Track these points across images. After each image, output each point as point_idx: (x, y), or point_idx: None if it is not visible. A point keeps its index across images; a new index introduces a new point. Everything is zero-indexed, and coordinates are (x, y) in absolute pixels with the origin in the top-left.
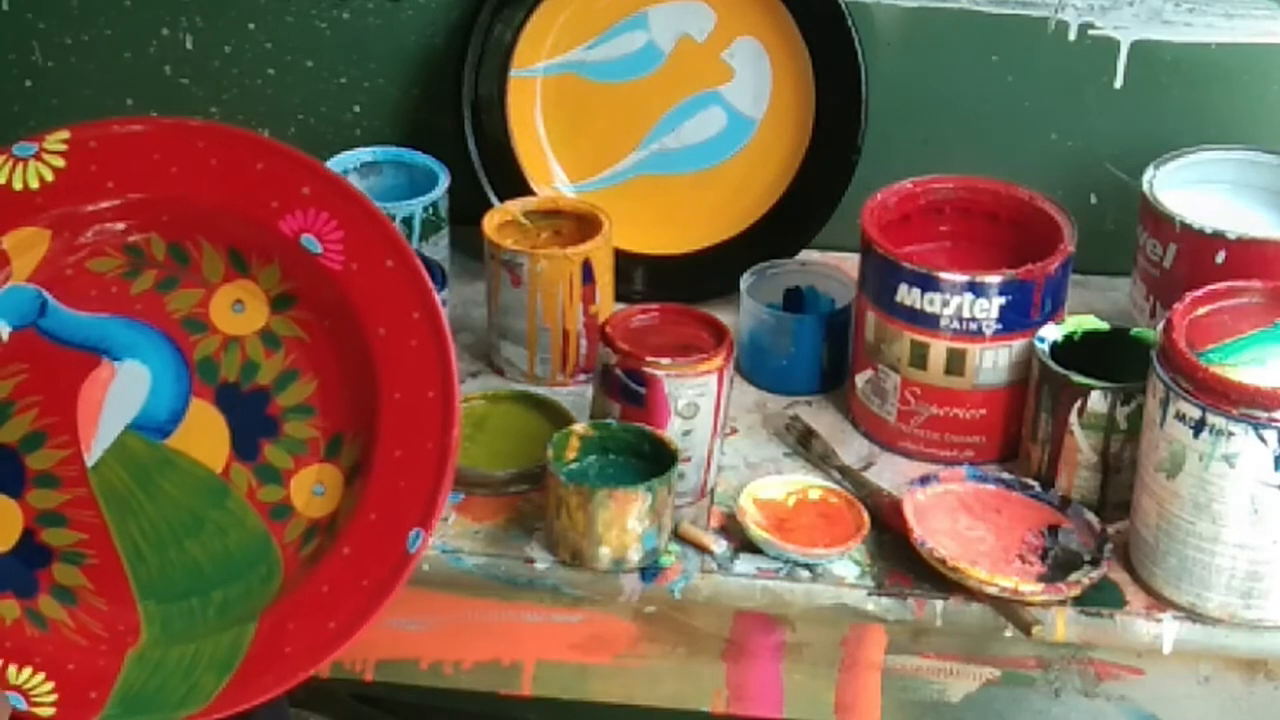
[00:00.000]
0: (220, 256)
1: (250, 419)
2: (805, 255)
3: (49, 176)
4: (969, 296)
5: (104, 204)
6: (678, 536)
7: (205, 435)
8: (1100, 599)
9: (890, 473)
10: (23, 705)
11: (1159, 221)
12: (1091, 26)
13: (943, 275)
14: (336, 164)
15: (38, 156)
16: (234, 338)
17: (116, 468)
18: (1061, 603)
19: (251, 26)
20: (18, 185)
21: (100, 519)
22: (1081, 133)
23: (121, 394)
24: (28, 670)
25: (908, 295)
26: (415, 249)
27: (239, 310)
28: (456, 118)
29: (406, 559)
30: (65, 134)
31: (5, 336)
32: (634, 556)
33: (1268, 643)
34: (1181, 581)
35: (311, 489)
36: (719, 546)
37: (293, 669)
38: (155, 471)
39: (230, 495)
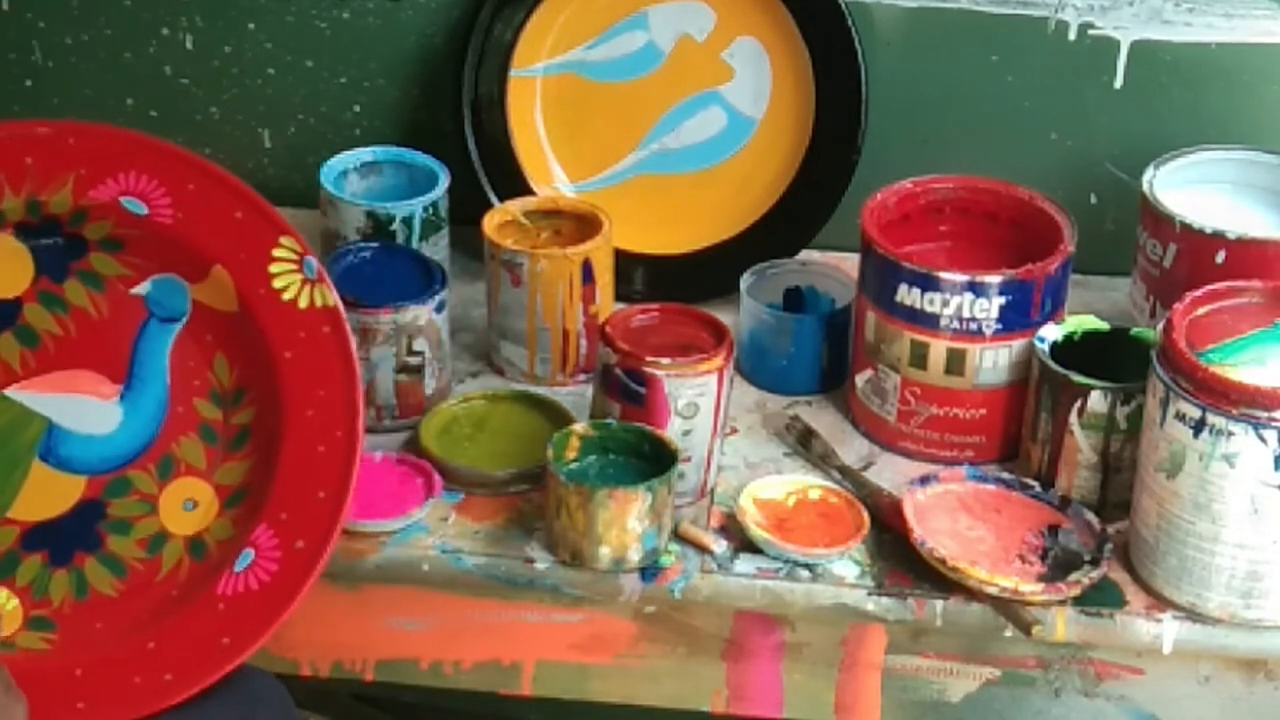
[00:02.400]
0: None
1: None
2: (805, 255)
3: None
4: (969, 296)
5: None
6: (678, 536)
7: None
8: (1100, 599)
9: (890, 473)
10: None
11: (1159, 221)
12: (1091, 26)
13: (943, 275)
14: (336, 164)
15: None
16: None
17: None
18: (1061, 603)
19: (251, 26)
20: None
21: None
22: (1081, 133)
23: None
24: None
25: (908, 295)
26: (415, 249)
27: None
28: (456, 118)
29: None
30: None
31: None
32: (634, 556)
33: (1268, 643)
34: (1181, 581)
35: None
36: (719, 546)
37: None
38: None
39: None
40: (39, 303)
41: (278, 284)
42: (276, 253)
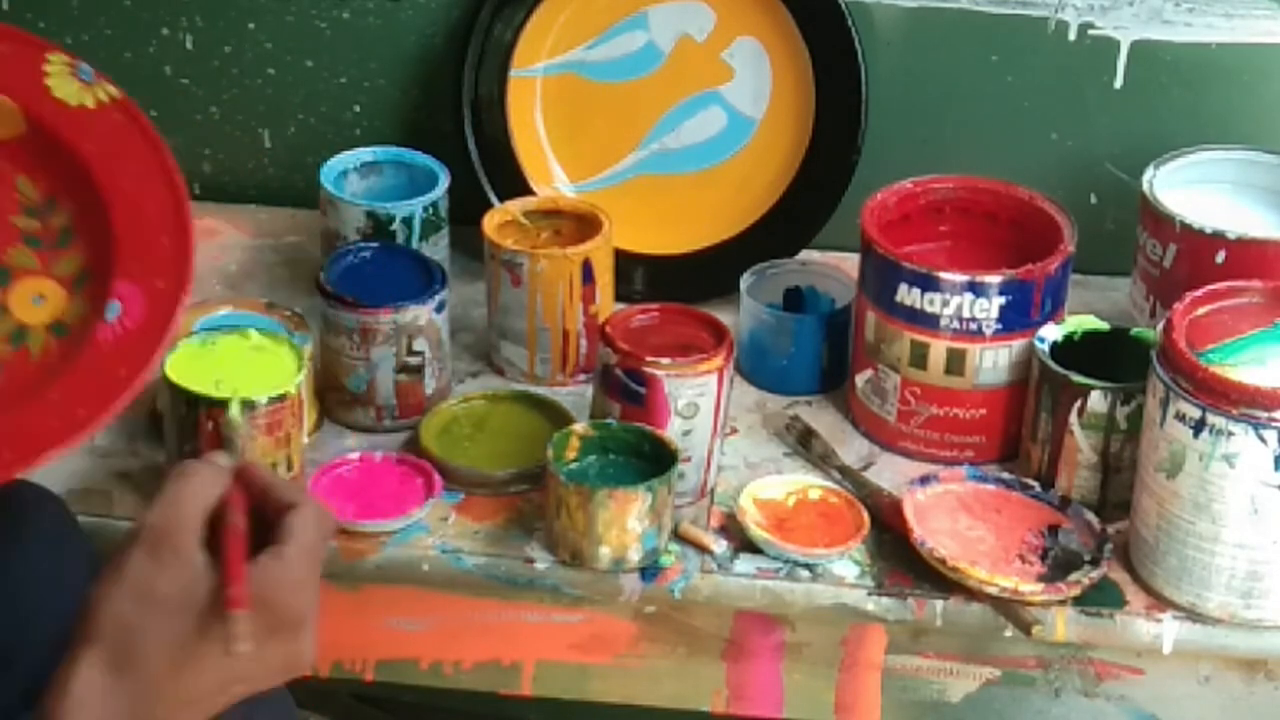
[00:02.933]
0: None
1: None
2: (805, 255)
3: None
4: (969, 296)
5: None
6: (678, 536)
7: None
8: (1100, 599)
9: (890, 473)
10: None
11: (1159, 221)
12: (1091, 26)
13: (943, 275)
14: (336, 164)
15: None
16: None
17: None
18: (1061, 603)
19: (251, 26)
20: None
21: None
22: (1081, 133)
23: None
24: None
25: (908, 295)
26: (415, 249)
27: None
28: (456, 118)
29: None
30: None
31: None
32: (634, 556)
33: (1268, 643)
34: (1181, 581)
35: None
36: (719, 546)
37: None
38: None
39: None
40: None
41: (58, 94)
42: (47, 68)
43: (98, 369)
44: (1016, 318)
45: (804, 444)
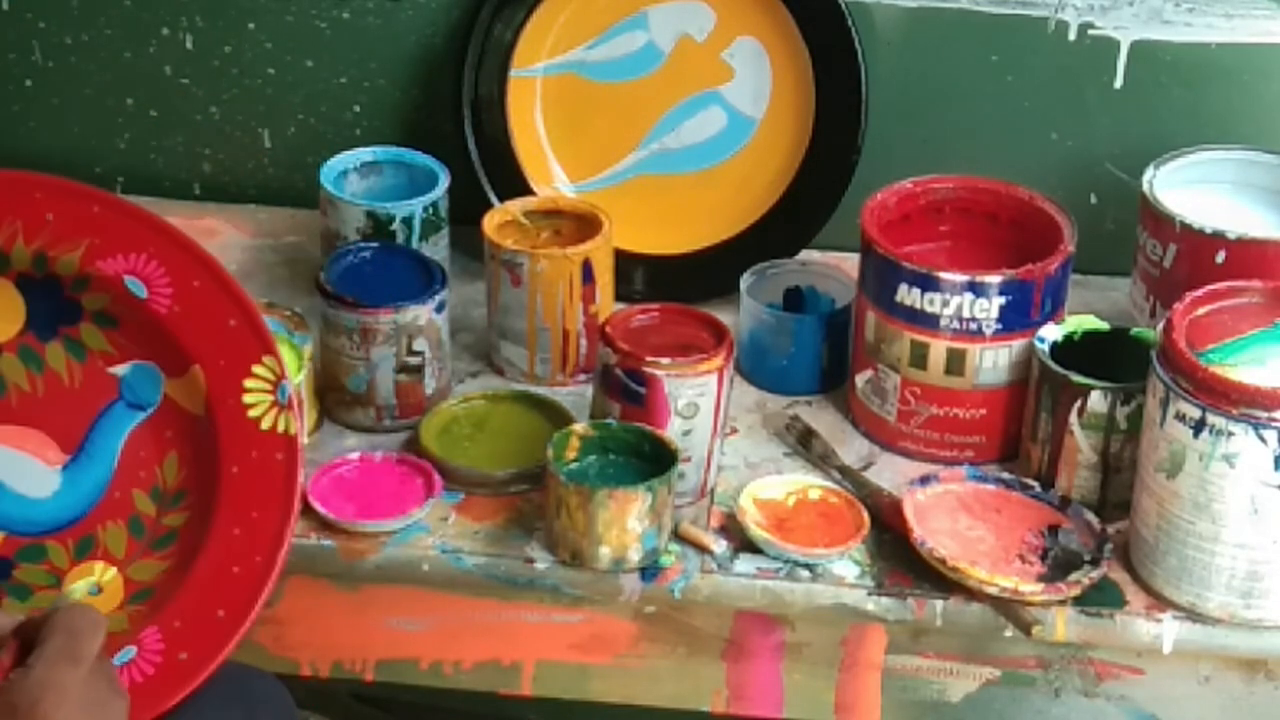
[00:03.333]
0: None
1: None
2: (805, 255)
3: None
4: (969, 296)
5: None
6: (678, 536)
7: None
8: (1100, 599)
9: (890, 473)
10: None
11: (1159, 221)
12: (1091, 26)
13: (943, 275)
14: (336, 164)
15: None
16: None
17: None
18: (1061, 603)
19: (251, 26)
20: None
21: None
22: (1081, 133)
23: None
24: None
25: (908, 295)
26: (415, 249)
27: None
28: (456, 118)
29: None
30: None
31: None
32: (634, 556)
33: (1268, 643)
34: (1181, 581)
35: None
36: (719, 546)
37: None
38: None
39: None
40: (17, 355)
41: (248, 399)
42: (256, 369)
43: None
44: (1016, 318)
45: (804, 444)
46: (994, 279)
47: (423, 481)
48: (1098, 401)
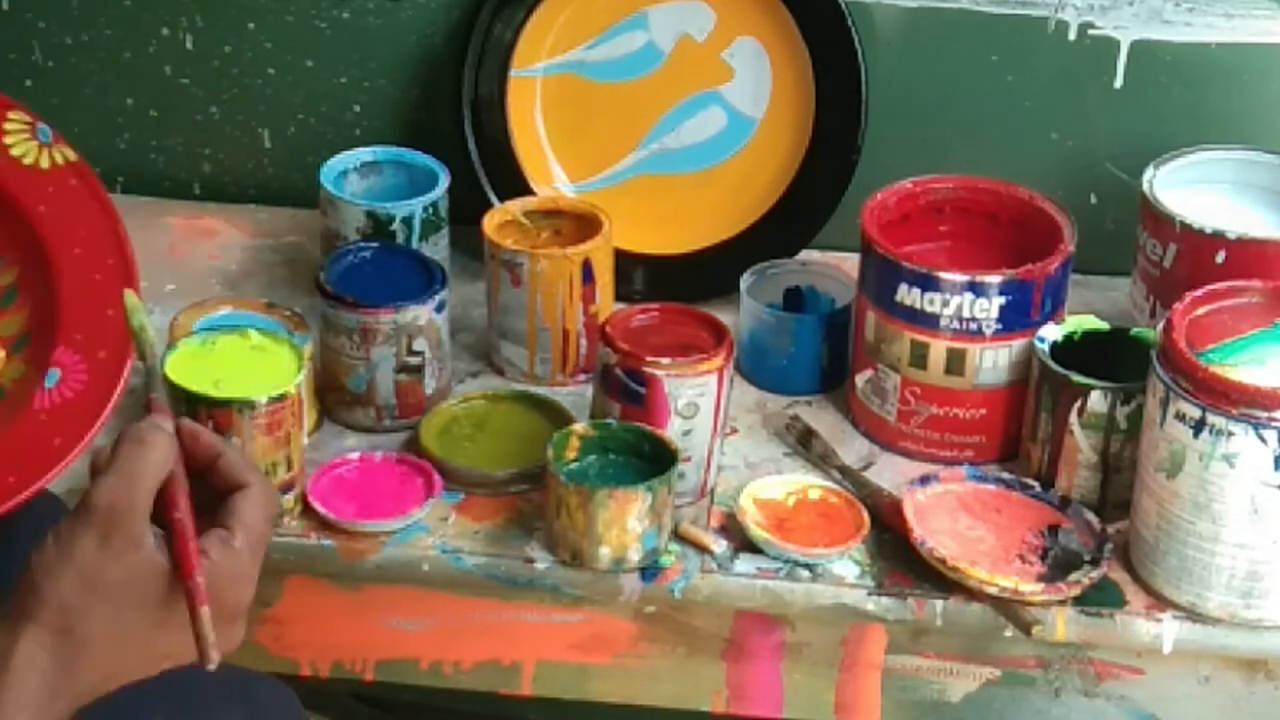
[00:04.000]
0: None
1: None
2: (805, 255)
3: None
4: (969, 296)
5: None
6: (678, 536)
7: None
8: (1100, 599)
9: (890, 473)
10: None
11: (1159, 221)
12: (1091, 26)
13: (943, 275)
14: (336, 164)
15: None
16: None
17: None
18: (1061, 603)
19: (251, 26)
20: None
21: None
22: (1081, 133)
23: None
24: None
25: (908, 295)
26: (415, 249)
27: None
28: (456, 118)
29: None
30: None
31: None
32: (634, 556)
33: (1268, 643)
34: (1181, 581)
35: None
36: (719, 546)
37: None
38: None
39: None
40: None
41: (15, 152)
42: (7, 126)
43: (32, 436)
44: (1016, 318)
45: (804, 444)
46: (994, 279)
47: (423, 481)
48: (1098, 401)
